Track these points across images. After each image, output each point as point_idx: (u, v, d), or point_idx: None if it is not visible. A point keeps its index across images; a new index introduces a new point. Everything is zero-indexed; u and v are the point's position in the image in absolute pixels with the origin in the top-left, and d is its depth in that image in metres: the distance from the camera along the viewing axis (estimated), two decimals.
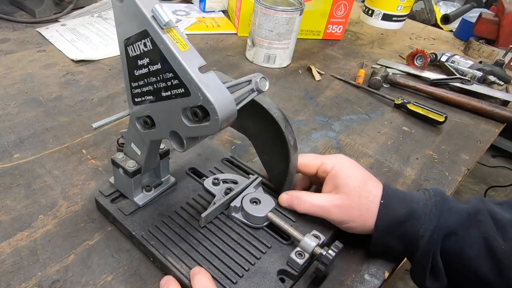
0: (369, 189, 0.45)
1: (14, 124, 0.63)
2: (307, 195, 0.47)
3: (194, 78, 0.32)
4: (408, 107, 0.77)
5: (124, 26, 0.36)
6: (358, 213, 0.44)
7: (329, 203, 0.45)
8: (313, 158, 0.49)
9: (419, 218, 0.42)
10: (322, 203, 0.45)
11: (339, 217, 0.44)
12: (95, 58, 0.84)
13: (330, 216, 0.45)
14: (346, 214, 0.44)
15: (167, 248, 0.43)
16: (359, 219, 0.44)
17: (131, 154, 0.45)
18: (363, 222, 0.44)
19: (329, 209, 0.45)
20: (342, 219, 0.44)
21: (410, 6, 1.17)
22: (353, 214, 0.44)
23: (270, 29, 0.84)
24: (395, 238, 0.44)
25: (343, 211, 0.44)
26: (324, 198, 0.46)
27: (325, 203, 0.45)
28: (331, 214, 0.45)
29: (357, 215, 0.44)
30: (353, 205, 0.44)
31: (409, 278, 1.58)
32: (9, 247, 0.44)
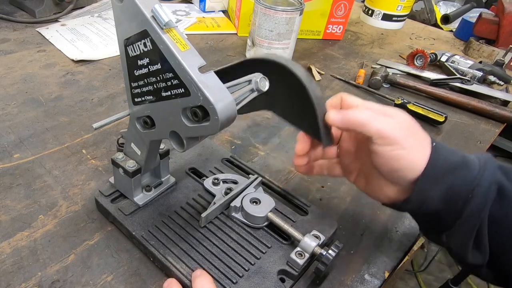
0: (420, 131, 0.40)
1: (14, 124, 0.63)
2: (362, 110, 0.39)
3: (194, 78, 0.32)
4: (408, 107, 0.77)
5: (124, 26, 0.36)
6: (414, 141, 0.38)
7: (387, 121, 0.38)
8: (398, 130, 0.39)
9: (473, 168, 0.37)
10: (385, 112, 0.39)
11: (397, 135, 0.37)
12: (95, 58, 0.84)
13: (394, 132, 0.37)
14: (405, 135, 0.38)
15: (167, 248, 0.43)
16: (411, 150, 0.38)
17: (131, 154, 0.45)
18: (413, 158, 0.38)
19: (394, 125, 0.38)
20: (400, 139, 0.37)
21: (410, 6, 1.17)
22: (410, 140, 0.38)
23: (270, 29, 0.84)
24: (440, 189, 0.38)
25: (402, 131, 0.38)
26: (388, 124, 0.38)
27: (389, 120, 0.38)
28: (395, 130, 0.37)
29: (413, 143, 0.38)
30: (411, 131, 0.39)
31: (409, 278, 1.58)
32: (9, 247, 0.44)
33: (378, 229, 0.52)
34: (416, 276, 1.60)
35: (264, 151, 0.64)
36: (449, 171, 0.38)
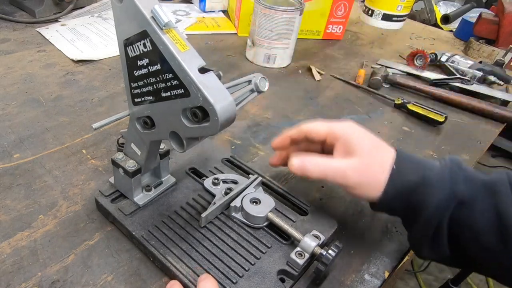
0: (383, 152, 0.44)
1: (14, 124, 0.63)
2: (320, 158, 0.44)
3: (193, 79, 0.32)
4: (408, 107, 0.77)
5: (124, 26, 0.36)
6: (372, 176, 0.42)
7: (345, 165, 0.43)
8: (321, 124, 0.47)
9: (431, 186, 0.41)
10: (338, 165, 0.43)
11: (354, 180, 0.42)
12: (95, 58, 0.84)
13: (346, 179, 0.43)
14: (361, 177, 0.42)
15: (167, 248, 0.43)
16: (373, 182, 0.42)
17: (131, 154, 0.45)
18: (375, 186, 0.42)
19: (345, 171, 0.42)
20: (357, 182, 0.43)
21: (410, 6, 1.17)
22: (368, 177, 0.42)
23: (270, 29, 0.84)
24: (400, 204, 0.43)
25: (359, 173, 0.42)
26: (339, 161, 0.44)
27: (341, 165, 0.43)
28: (347, 177, 0.42)
29: (371, 178, 0.42)
30: (368, 167, 0.42)
31: (409, 278, 1.58)
32: (9, 247, 0.44)
33: (378, 229, 0.52)
34: (416, 276, 1.60)
35: (264, 151, 0.64)
36: (407, 191, 0.42)
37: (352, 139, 0.44)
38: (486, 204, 0.39)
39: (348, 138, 0.44)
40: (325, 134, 0.46)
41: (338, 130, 0.45)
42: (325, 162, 0.44)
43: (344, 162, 0.43)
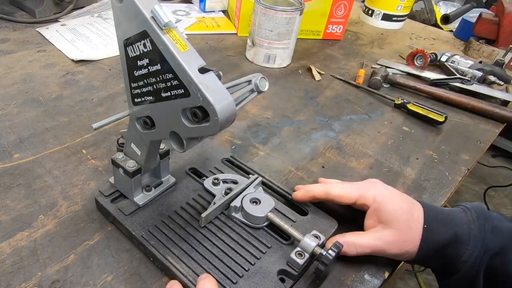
0: (416, 217, 0.44)
1: (14, 124, 0.63)
2: (354, 237, 0.45)
3: (193, 79, 0.32)
4: (408, 107, 0.77)
5: (124, 26, 0.36)
6: (411, 244, 0.43)
7: (382, 242, 0.43)
8: (351, 189, 0.47)
9: (462, 243, 0.42)
10: (375, 243, 0.44)
11: (393, 252, 0.44)
12: (95, 58, 0.84)
13: (385, 253, 0.44)
14: (400, 248, 0.43)
15: (167, 248, 0.43)
16: (412, 249, 0.43)
17: (131, 154, 0.45)
18: (411, 251, 0.44)
19: (383, 247, 0.43)
20: (397, 253, 0.44)
21: (410, 6, 1.17)
22: (407, 247, 0.43)
23: (270, 29, 0.84)
24: (435, 260, 0.44)
25: (397, 246, 0.43)
26: (374, 237, 0.44)
27: (378, 242, 0.44)
28: (385, 251, 0.44)
29: (410, 246, 0.43)
30: (406, 238, 0.43)
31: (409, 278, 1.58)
32: (9, 247, 0.44)
33: None
34: (416, 276, 1.60)
35: (264, 151, 0.64)
36: (440, 249, 0.43)
37: (385, 209, 0.44)
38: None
39: (380, 207, 0.45)
40: (354, 200, 0.47)
41: (368, 198, 0.46)
42: (361, 241, 0.44)
43: (377, 237, 0.44)
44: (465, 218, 0.44)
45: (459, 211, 0.45)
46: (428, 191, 0.60)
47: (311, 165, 0.62)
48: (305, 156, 0.64)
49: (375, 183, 0.48)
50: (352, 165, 0.63)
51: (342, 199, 0.47)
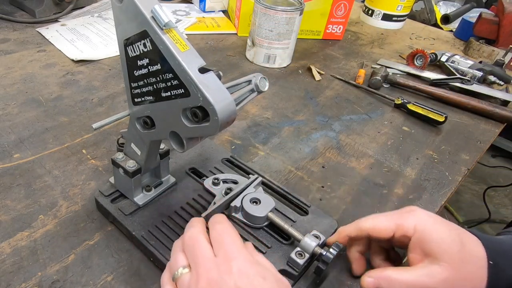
0: (471, 249, 0.37)
1: (14, 124, 0.63)
2: (396, 272, 0.38)
3: (193, 79, 0.32)
4: (408, 107, 0.77)
5: (124, 26, 0.36)
6: (467, 283, 0.36)
7: (432, 280, 0.36)
8: (386, 220, 0.40)
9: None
10: (422, 281, 0.36)
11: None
12: (95, 58, 0.84)
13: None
14: (454, 287, 0.36)
15: (167, 248, 0.43)
16: (469, 287, 0.36)
17: (131, 154, 0.45)
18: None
19: (433, 286, 0.36)
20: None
21: (410, 6, 1.17)
22: (462, 285, 0.36)
23: (270, 29, 0.84)
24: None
25: (450, 284, 0.36)
26: (421, 273, 0.36)
27: (427, 280, 0.36)
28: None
29: (466, 284, 0.36)
30: (460, 275, 0.36)
31: None
32: (9, 247, 0.44)
33: None
34: None
35: (264, 151, 0.64)
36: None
37: (430, 239, 0.37)
38: None
39: (424, 237, 0.37)
40: (391, 232, 0.40)
41: (408, 227, 0.38)
42: (401, 277, 0.37)
43: (425, 273, 0.36)
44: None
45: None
46: (428, 191, 0.60)
47: (311, 165, 0.62)
48: (305, 156, 0.64)
49: (413, 210, 0.40)
50: (352, 165, 0.63)
51: (377, 233, 0.40)
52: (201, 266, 0.34)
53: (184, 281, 0.34)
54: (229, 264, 0.33)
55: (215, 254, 0.35)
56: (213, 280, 0.33)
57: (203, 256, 0.35)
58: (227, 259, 0.34)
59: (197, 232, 0.37)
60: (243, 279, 0.32)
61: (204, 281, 0.33)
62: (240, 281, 0.32)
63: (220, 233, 0.36)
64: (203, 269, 0.34)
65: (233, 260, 0.33)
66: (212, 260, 0.34)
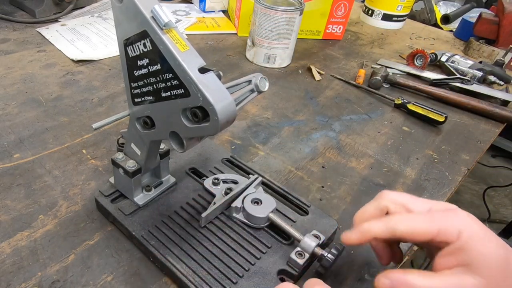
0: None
1: (14, 124, 0.63)
2: (423, 279, 0.32)
3: (193, 79, 0.32)
4: (408, 107, 0.77)
5: (124, 26, 0.36)
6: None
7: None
8: (425, 222, 0.34)
9: None
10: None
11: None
12: (95, 58, 0.84)
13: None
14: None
15: (167, 248, 0.43)
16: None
17: (131, 154, 0.45)
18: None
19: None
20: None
21: (410, 6, 1.17)
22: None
23: (270, 29, 0.84)
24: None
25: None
26: (451, 282, 0.32)
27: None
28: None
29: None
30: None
31: None
32: (9, 247, 0.44)
33: None
34: None
35: (264, 151, 0.64)
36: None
37: (475, 250, 0.32)
38: None
39: (468, 247, 0.32)
40: (431, 237, 0.33)
41: (451, 232, 0.33)
42: (428, 285, 0.32)
43: (454, 283, 0.32)
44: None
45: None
46: (428, 191, 0.60)
47: (311, 165, 0.62)
48: (305, 156, 0.64)
49: (455, 211, 0.35)
50: (352, 165, 0.63)
51: (414, 237, 0.34)
52: None
53: None
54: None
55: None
56: None
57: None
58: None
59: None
60: None
61: None
62: None
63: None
64: None
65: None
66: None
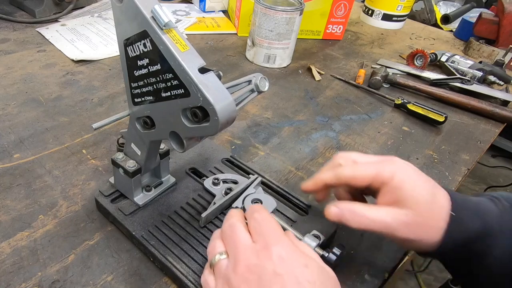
0: (439, 202, 0.38)
1: (14, 124, 0.63)
2: (362, 207, 0.38)
3: (193, 79, 0.32)
4: (408, 107, 0.77)
5: (124, 26, 0.36)
6: (428, 231, 0.37)
7: (394, 220, 0.37)
8: (365, 168, 0.40)
9: (494, 235, 0.37)
10: (385, 219, 0.37)
11: (405, 236, 0.37)
12: (95, 58, 0.84)
13: (394, 235, 0.37)
14: (414, 233, 0.37)
15: (167, 248, 0.43)
16: (427, 237, 0.37)
17: (131, 154, 0.45)
18: (431, 241, 0.37)
19: (393, 226, 0.37)
20: (409, 238, 0.37)
21: (410, 6, 1.17)
22: (422, 233, 0.37)
23: (270, 29, 0.84)
24: (459, 254, 0.38)
25: (411, 229, 0.37)
26: (386, 213, 0.37)
27: (389, 220, 0.37)
28: (395, 232, 0.37)
29: (426, 234, 0.37)
30: (423, 223, 0.37)
31: (409, 278, 1.58)
32: (9, 247, 0.44)
33: None
34: (416, 276, 1.60)
35: (264, 151, 0.64)
36: (469, 241, 0.37)
37: (404, 186, 0.38)
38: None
39: (399, 185, 0.38)
40: (371, 180, 0.39)
41: (387, 174, 0.38)
42: (367, 213, 0.38)
43: (392, 215, 0.37)
44: (495, 208, 0.38)
45: (486, 201, 0.39)
46: None
47: (311, 165, 0.62)
48: (305, 156, 0.64)
49: (393, 159, 0.40)
50: None
51: (356, 181, 0.40)
52: (239, 252, 0.33)
53: (221, 267, 0.34)
54: (268, 250, 0.32)
55: (254, 241, 0.34)
56: (252, 265, 0.32)
57: (241, 242, 0.34)
58: (266, 245, 0.33)
59: (235, 221, 0.37)
60: (283, 266, 0.31)
61: (242, 266, 0.32)
62: (280, 268, 0.31)
63: (259, 221, 0.36)
64: (242, 255, 0.33)
65: (272, 246, 0.33)
66: (251, 246, 0.34)
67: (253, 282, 0.31)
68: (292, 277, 0.31)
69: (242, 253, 0.33)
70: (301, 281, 0.31)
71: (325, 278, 0.33)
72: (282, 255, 0.32)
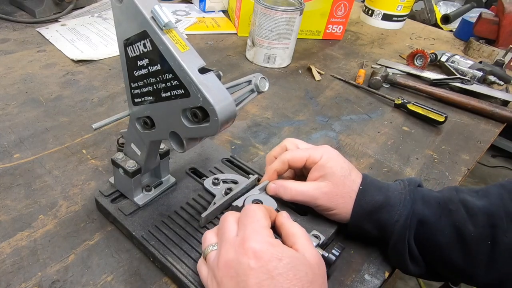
0: (353, 178, 0.47)
1: (14, 124, 0.63)
2: (292, 183, 0.48)
3: (193, 79, 0.32)
4: (408, 107, 0.77)
5: (124, 26, 0.36)
6: (342, 200, 0.46)
7: (316, 190, 0.46)
8: (302, 152, 0.49)
9: (394, 205, 0.45)
10: (308, 190, 0.46)
11: (324, 204, 0.46)
12: (95, 58, 0.84)
13: (316, 203, 0.46)
14: (332, 201, 0.45)
15: (167, 248, 0.43)
16: (343, 205, 0.46)
17: (131, 154, 0.45)
18: (346, 209, 0.46)
19: (315, 195, 0.46)
20: (328, 206, 0.46)
21: (410, 6, 1.17)
22: (338, 201, 0.45)
23: (270, 29, 0.84)
24: (370, 223, 0.46)
25: (329, 198, 0.45)
26: (310, 186, 0.47)
27: (312, 190, 0.46)
28: (317, 200, 0.46)
29: (341, 202, 0.46)
30: (338, 192, 0.45)
31: (409, 278, 1.58)
32: (9, 247, 0.44)
33: None
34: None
35: (264, 151, 0.64)
36: (373, 211, 0.45)
37: (327, 164, 0.47)
38: (444, 223, 0.43)
39: (323, 162, 0.47)
40: (305, 160, 0.48)
41: (317, 155, 0.48)
42: (295, 186, 0.47)
43: (313, 186, 0.46)
44: (398, 186, 0.47)
45: (394, 183, 0.48)
46: None
47: None
48: None
49: (324, 145, 0.50)
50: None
51: (295, 162, 0.48)
52: (222, 246, 0.36)
53: (210, 258, 0.37)
54: (244, 245, 0.34)
55: (237, 234, 0.37)
56: (230, 260, 0.34)
57: (226, 235, 0.37)
58: (243, 240, 0.35)
59: (228, 214, 0.39)
60: (257, 261, 0.33)
61: (222, 261, 0.35)
62: (254, 262, 0.33)
63: (246, 213, 0.38)
64: (224, 249, 0.36)
65: (248, 241, 0.34)
66: (232, 240, 0.36)
67: (233, 277, 0.34)
68: (265, 271, 0.33)
69: (224, 248, 0.36)
70: (274, 275, 0.32)
71: (301, 268, 0.34)
72: (256, 249, 0.34)
